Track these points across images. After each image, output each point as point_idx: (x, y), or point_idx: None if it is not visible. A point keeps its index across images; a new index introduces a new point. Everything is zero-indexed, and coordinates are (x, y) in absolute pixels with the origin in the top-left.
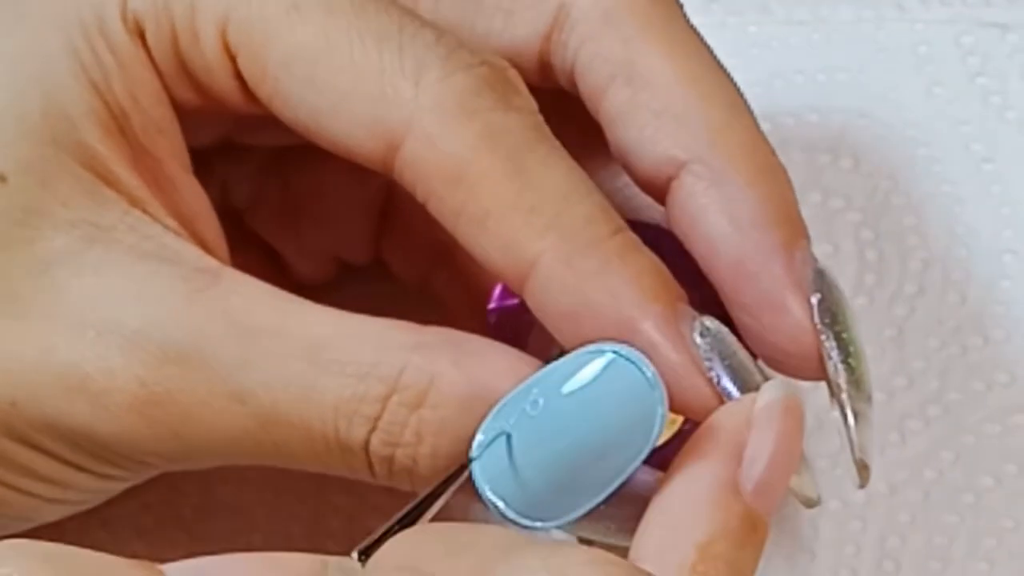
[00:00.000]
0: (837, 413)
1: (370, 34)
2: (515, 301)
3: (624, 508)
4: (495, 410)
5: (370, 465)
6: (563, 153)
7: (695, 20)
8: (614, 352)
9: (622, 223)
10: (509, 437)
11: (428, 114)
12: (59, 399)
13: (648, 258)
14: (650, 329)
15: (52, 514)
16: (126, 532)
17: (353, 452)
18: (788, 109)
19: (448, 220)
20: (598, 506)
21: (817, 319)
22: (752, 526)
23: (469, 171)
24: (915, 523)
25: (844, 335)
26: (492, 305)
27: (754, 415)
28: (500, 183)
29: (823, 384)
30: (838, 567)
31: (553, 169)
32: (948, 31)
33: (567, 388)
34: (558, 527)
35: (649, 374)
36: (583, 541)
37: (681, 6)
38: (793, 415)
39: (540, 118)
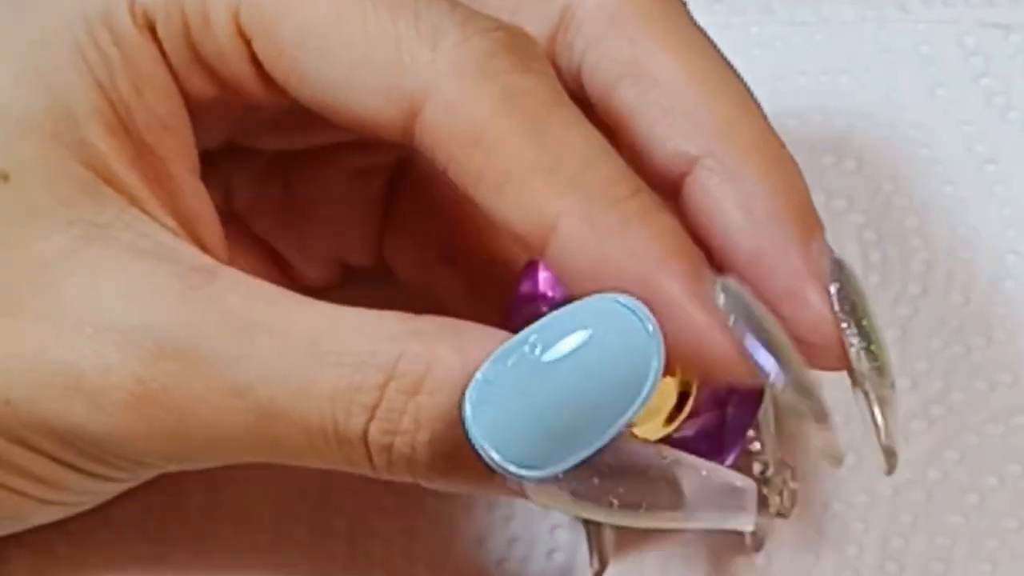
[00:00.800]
0: (861, 402)
1: (384, 4)
2: (537, 306)
3: (623, 486)
4: (493, 355)
5: (369, 456)
6: (581, 116)
7: (698, 20)
8: (616, 301)
9: (642, 184)
10: (501, 382)
11: (446, 79)
12: (55, 398)
13: (669, 219)
14: (674, 287)
15: (46, 516)
16: (130, 532)
17: (352, 443)
18: (791, 110)
19: (468, 185)
20: (590, 458)
21: (837, 308)
22: None
23: (488, 133)
24: (918, 524)
25: (864, 323)
26: (513, 307)
27: None
28: (520, 144)
29: (825, 387)
30: (841, 568)
31: (572, 131)
32: (951, 31)
33: (565, 335)
34: (547, 477)
35: (650, 326)
36: (586, 523)
37: (685, 4)
38: None
39: (558, 83)
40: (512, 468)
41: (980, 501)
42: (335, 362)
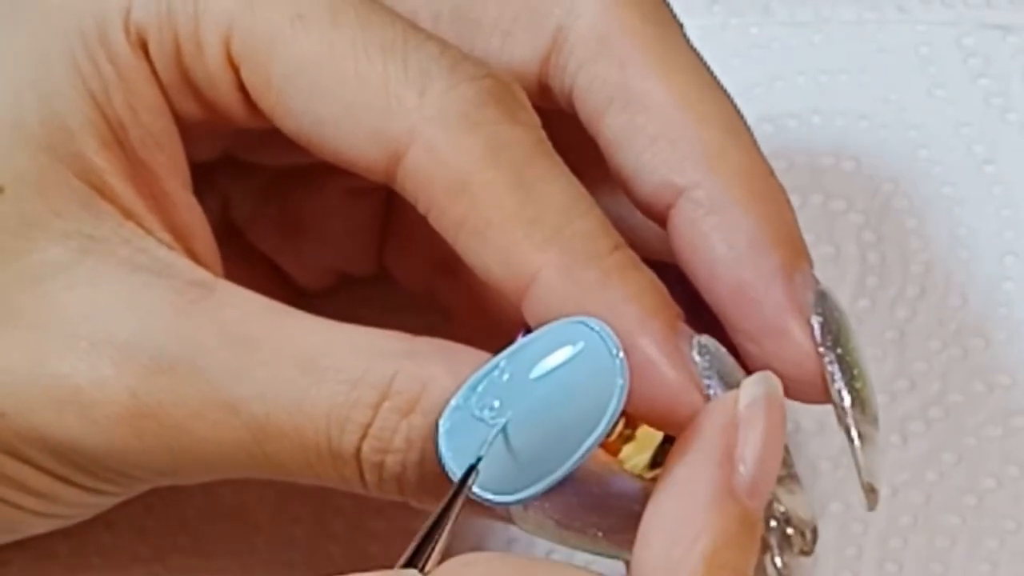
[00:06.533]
0: (844, 438)
1: (375, 45)
2: None
3: (609, 517)
4: (467, 382)
5: (361, 473)
6: (564, 168)
7: (697, 22)
8: (583, 324)
9: (621, 240)
10: (474, 405)
11: (432, 125)
12: (49, 411)
13: (647, 275)
14: (648, 345)
15: (39, 527)
16: (129, 534)
17: (345, 460)
18: (790, 111)
19: (449, 231)
20: (560, 481)
21: (819, 341)
22: (750, 527)
23: (472, 183)
24: (917, 525)
25: (847, 357)
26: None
27: (740, 415)
28: (503, 195)
29: None
30: (840, 569)
31: (555, 183)
32: (950, 32)
33: (535, 360)
34: (520, 502)
35: (614, 348)
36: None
37: (681, 26)
38: (777, 408)
39: (543, 133)
40: (486, 495)
41: (978, 502)
42: (331, 379)
